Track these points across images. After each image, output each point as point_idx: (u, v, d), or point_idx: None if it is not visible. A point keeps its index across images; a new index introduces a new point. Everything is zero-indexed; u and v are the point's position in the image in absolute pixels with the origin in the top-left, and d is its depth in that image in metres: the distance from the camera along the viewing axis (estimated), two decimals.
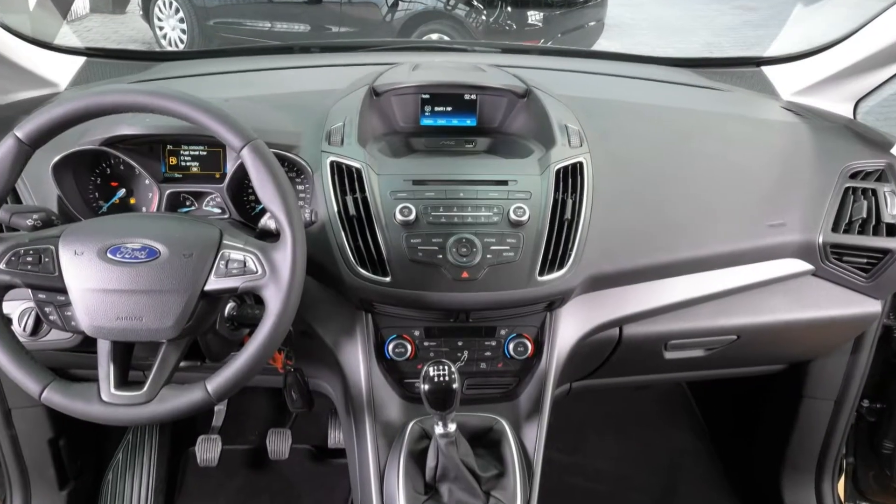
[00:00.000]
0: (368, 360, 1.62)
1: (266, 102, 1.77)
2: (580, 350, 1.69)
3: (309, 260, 1.32)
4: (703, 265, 1.71)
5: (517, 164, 1.64)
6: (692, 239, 1.68)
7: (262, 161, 1.28)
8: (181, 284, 1.24)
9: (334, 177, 1.55)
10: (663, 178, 1.74)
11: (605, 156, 1.67)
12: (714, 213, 1.72)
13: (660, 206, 1.69)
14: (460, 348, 1.64)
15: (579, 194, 1.57)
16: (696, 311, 1.77)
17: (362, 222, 1.51)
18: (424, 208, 1.52)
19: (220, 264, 1.27)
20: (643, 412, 2.95)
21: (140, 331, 1.24)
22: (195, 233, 1.30)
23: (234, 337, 1.46)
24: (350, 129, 1.63)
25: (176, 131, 1.59)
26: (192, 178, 1.69)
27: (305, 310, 1.58)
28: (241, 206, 1.70)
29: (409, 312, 1.59)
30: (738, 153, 1.82)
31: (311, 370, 1.79)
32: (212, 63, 2.23)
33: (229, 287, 1.26)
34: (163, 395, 1.26)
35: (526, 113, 1.80)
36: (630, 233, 1.64)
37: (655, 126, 1.85)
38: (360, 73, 1.92)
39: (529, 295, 1.52)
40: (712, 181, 1.76)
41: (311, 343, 1.64)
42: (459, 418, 1.48)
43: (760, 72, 2.33)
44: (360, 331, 1.62)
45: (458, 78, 1.84)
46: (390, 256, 1.49)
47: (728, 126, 1.91)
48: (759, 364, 2.12)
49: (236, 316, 1.43)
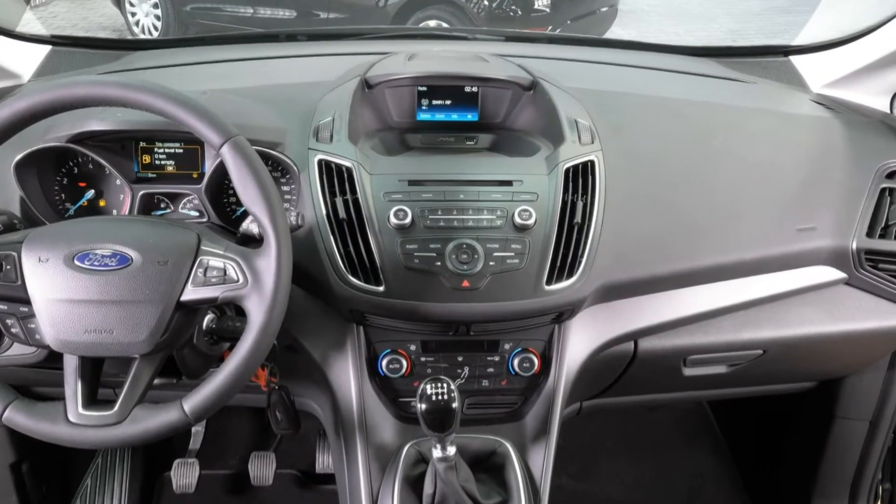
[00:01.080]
0: (360, 377, 1.62)
1: (248, 95, 1.77)
2: (591, 366, 1.69)
3: (295, 267, 1.31)
4: (726, 273, 1.71)
5: (522, 163, 1.64)
6: (714, 244, 1.68)
7: (243, 159, 1.28)
8: (155, 294, 1.24)
9: (323, 177, 1.55)
10: (682, 178, 1.74)
11: (619, 153, 1.67)
12: (738, 217, 1.72)
13: (679, 209, 1.69)
14: (460, 364, 1.64)
15: (590, 196, 1.57)
16: (718, 324, 1.77)
17: (353, 226, 1.50)
18: (421, 211, 1.52)
19: (198, 272, 1.27)
20: (660, 434, 2.95)
21: (110, 345, 1.23)
22: (171, 238, 1.30)
23: (214, 352, 1.46)
24: (340, 124, 1.63)
25: (150, 127, 1.59)
26: (167, 178, 1.69)
27: (291, 322, 1.58)
28: (221, 209, 1.70)
29: (404, 325, 1.59)
30: (764, 151, 1.83)
31: (298, 388, 1.78)
32: (189, 52, 2.24)
33: (208, 297, 1.26)
34: (135, 416, 1.25)
35: (532, 107, 1.80)
36: (646, 238, 1.64)
37: (673, 121, 1.85)
38: (350, 63, 1.92)
39: (536, 306, 1.52)
40: (736, 181, 1.76)
41: (298, 358, 1.64)
42: (459, 441, 1.48)
43: (788, 62, 2.34)
44: (351, 345, 1.62)
45: (458, 69, 1.84)
46: (384, 263, 1.49)
47: (753, 121, 1.91)
48: (787, 381, 2.12)
49: (216, 329, 1.43)
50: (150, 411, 1.26)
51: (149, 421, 1.25)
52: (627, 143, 1.72)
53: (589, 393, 1.93)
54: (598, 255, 1.55)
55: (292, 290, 1.32)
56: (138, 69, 2.03)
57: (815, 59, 2.28)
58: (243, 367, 1.25)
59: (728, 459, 2.85)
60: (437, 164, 1.63)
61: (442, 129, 1.83)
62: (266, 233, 1.27)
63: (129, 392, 1.26)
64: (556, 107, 1.72)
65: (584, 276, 1.53)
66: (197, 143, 1.68)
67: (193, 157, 1.69)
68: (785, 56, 2.37)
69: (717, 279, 1.71)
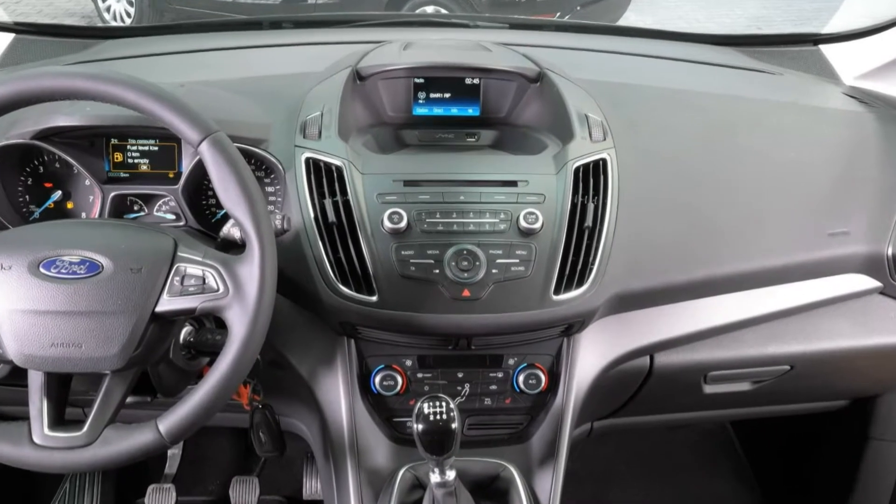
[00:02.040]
0: (351, 395, 1.62)
1: (229, 88, 1.77)
2: (603, 383, 1.69)
3: (280, 275, 1.32)
4: (750, 282, 1.72)
5: (528, 162, 1.64)
6: (737, 250, 1.69)
7: (223, 157, 1.28)
8: (128, 305, 1.24)
9: (310, 176, 1.55)
10: (702, 178, 1.74)
11: (633, 151, 1.68)
12: (763, 220, 1.72)
13: (698, 212, 1.70)
14: (460, 381, 1.64)
15: (602, 197, 1.57)
16: (741, 337, 1.77)
17: (343, 230, 1.51)
18: (417, 214, 1.52)
19: (175, 281, 1.27)
20: (678, 457, 2.95)
21: (79, 360, 1.23)
22: (144, 243, 1.30)
23: (192, 367, 1.46)
24: (329, 119, 1.64)
25: (122, 123, 1.59)
26: (140, 178, 1.69)
27: (276, 335, 1.58)
28: (200, 212, 1.70)
29: (399, 338, 1.59)
30: (792, 148, 1.83)
31: (283, 407, 1.79)
32: (164, 41, 2.24)
33: (185, 308, 1.26)
34: (106, 437, 1.25)
35: (539, 100, 1.81)
36: (663, 243, 1.65)
37: (693, 116, 1.86)
38: (340, 52, 1.93)
39: (543, 317, 1.52)
40: (761, 182, 1.77)
41: (283, 375, 1.64)
42: (459, 464, 1.48)
43: (818, 51, 2.35)
44: (342, 360, 1.62)
45: (458, 59, 1.84)
46: (377, 271, 1.49)
47: (779, 116, 1.92)
48: (817, 400, 2.12)
49: (194, 342, 1.43)
50: (122, 432, 1.25)
51: (121, 443, 1.24)
52: (642, 139, 1.72)
53: (600, 412, 1.93)
54: (611, 262, 1.55)
55: (277, 301, 1.32)
56: (109, 59, 2.04)
57: (848, 49, 2.28)
58: (224, 385, 1.25)
59: (752, 485, 2.84)
60: (435, 163, 1.63)
61: (440, 124, 1.83)
62: (248, 238, 1.27)
63: (99, 411, 1.26)
64: (565, 100, 1.72)
65: (596, 285, 1.53)
66: (173, 139, 1.68)
67: (169, 155, 1.69)
68: (815, 45, 2.37)
69: (739, 288, 1.71)
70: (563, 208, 1.54)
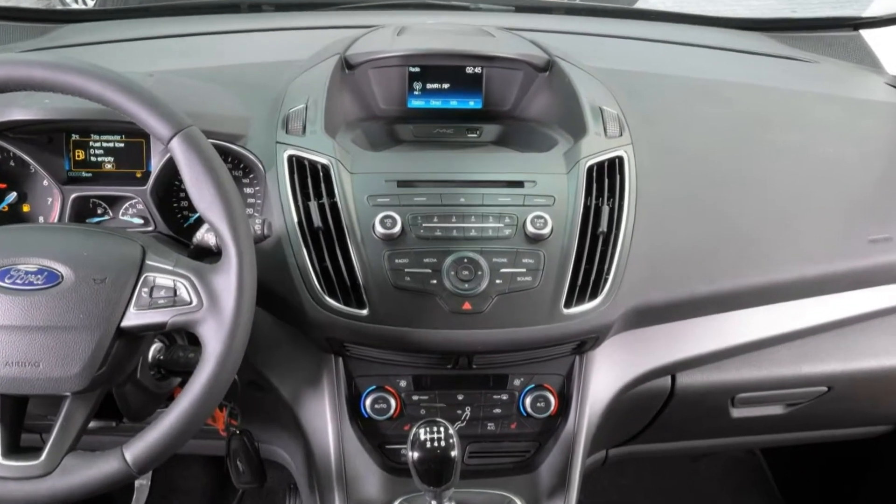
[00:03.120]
0: (339, 420, 1.62)
1: (203, 78, 1.77)
2: (619, 406, 1.69)
3: (260, 286, 1.31)
4: (782, 294, 1.72)
5: (536, 160, 1.64)
6: (767, 259, 1.68)
7: (197, 155, 1.27)
8: (91, 319, 1.24)
9: (293, 176, 1.55)
10: (729, 179, 1.74)
11: (653, 148, 1.68)
12: (797, 225, 1.72)
13: (725, 216, 1.69)
14: (461, 404, 1.64)
15: (618, 199, 1.57)
16: (772, 355, 1.77)
17: (330, 236, 1.50)
18: (413, 218, 1.52)
19: (143, 292, 1.27)
20: (704, 488, 2.94)
21: (36, 381, 1.22)
22: (109, 251, 1.30)
23: (161, 388, 1.46)
24: (315, 112, 1.64)
25: (84, 116, 1.59)
26: (105, 178, 1.70)
27: (256, 353, 1.58)
28: (171, 216, 1.70)
29: (392, 356, 1.59)
30: (829, 145, 1.83)
31: (263, 433, 1.78)
32: (131, 26, 2.24)
33: (154, 322, 1.26)
34: (66, 466, 1.24)
35: (547, 91, 1.81)
36: (686, 250, 1.64)
37: (719, 109, 1.86)
38: (327, 38, 1.93)
39: (553, 333, 1.52)
40: (794, 182, 1.77)
41: (263, 397, 1.64)
42: (460, 496, 1.48)
43: (859, 37, 2.35)
44: (328, 381, 1.62)
45: (458, 45, 1.84)
46: (367, 282, 1.49)
47: (815, 109, 1.92)
48: (857, 425, 2.12)
49: (164, 361, 1.43)
50: (84, 460, 1.25)
51: (83, 472, 1.24)
52: (663, 135, 1.72)
53: (616, 439, 1.93)
54: (628, 272, 1.55)
55: (257, 314, 1.32)
56: (70, 46, 2.04)
57: (892, 34, 2.28)
58: (197, 408, 1.24)
59: None
60: (433, 161, 1.63)
61: (438, 118, 1.84)
62: (225, 244, 1.27)
63: (58, 437, 1.26)
64: (577, 91, 1.72)
65: (611, 297, 1.53)
66: (141, 135, 1.68)
67: (137, 152, 1.69)
68: (855, 30, 2.38)
69: (771, 301, 1.71)
70: (575, 211, 1.54)
